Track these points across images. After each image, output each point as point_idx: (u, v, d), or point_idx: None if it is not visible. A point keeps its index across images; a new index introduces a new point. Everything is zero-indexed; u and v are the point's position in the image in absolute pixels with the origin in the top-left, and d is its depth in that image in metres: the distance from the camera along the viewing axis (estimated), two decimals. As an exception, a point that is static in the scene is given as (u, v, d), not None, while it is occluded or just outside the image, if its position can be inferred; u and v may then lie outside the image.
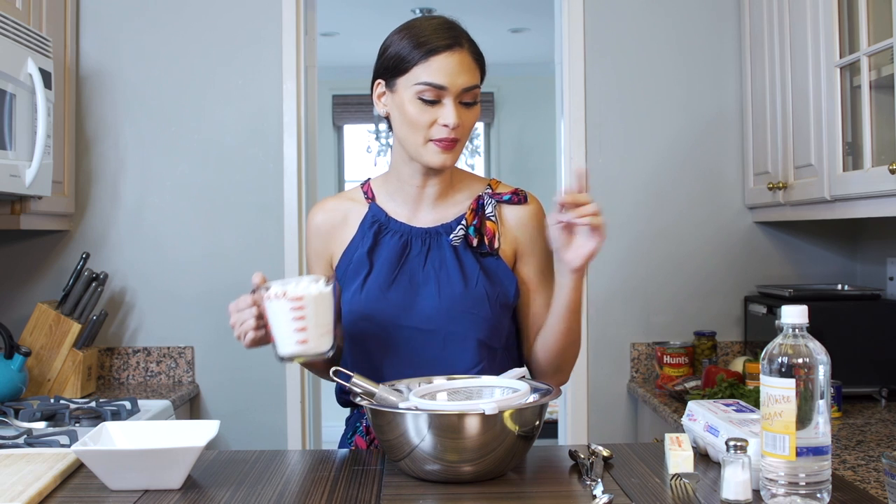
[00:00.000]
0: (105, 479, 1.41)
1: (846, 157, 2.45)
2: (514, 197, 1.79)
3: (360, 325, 1.72)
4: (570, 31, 3.29)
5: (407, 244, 1.75)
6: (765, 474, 1.27)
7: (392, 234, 1.76)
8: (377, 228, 1.76)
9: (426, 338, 1.70)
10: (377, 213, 1.78)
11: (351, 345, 1.76)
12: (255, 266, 3.23)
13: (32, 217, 2.84)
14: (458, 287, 1.70)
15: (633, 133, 3.30)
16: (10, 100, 2.44)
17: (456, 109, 1.63)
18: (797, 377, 1.24)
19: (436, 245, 1.74)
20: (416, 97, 1.64)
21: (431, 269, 1.73)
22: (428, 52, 1.63)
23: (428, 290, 1.71)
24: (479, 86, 1.69)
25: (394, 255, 1.74)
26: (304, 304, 1.47)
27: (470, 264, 1.73)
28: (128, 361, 3.24)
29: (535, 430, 1.44)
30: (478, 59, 1.68)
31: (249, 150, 3.27)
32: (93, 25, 3.24)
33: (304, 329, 1.47)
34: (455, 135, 1.64)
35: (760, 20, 3.04)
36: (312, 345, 1.48)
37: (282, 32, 3.26)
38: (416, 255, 1.74)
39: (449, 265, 1.72)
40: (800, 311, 1.27)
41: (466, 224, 1.74)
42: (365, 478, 1.46)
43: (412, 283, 1.72)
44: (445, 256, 1.73)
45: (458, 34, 1.67)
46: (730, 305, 3.30)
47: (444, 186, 1.77)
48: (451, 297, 1.70)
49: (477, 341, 1.71)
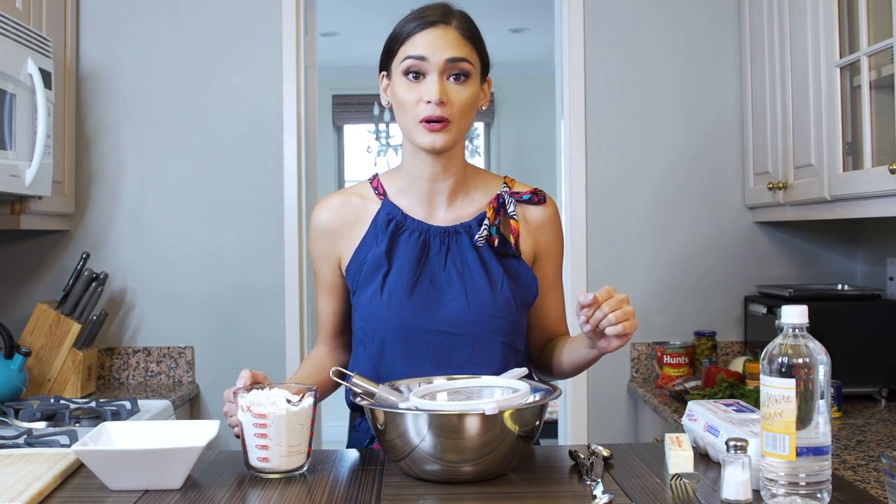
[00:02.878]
0: (105, 479, 1.41)
1: (846, 157, 2.45)
2: (534, 197, 1.77)
3: (381, 329, 1.68)
4: (570, 31, 3.29)
5: (426, 244, 1.70)
6: (765, 474, 1.27)
7: (410, 232, 1.70)
8: (394, 227, 1.71)
9: (453, 341, 1.67)
10: (392, 211, 1.72)
11: (370, 347, 1.71)
12: (255, 266, 3.23)
13: (32, 217, 2.84)
14: (485, 290, 1.67)
15: (633, 133, 3.30)
16: (10, 100, 2.44)
17: (440, 84, 1.60)
18: (797, 377, 1.24)
19: (455, 245, 1.70)
20: (402, 74, 1.63)
21: (454, 270, 1.69)
22: (412, 30, 1.63)
23: (453, 293, 1.67)
24: (469, 60, 1.63)
25: (413, 256, 1.69)
26: (268, 423, 1.43)
27: (494, 266, 1.69)
28: (128, 361, 3.24)
29: (535, 430, 1.43)
30: (469, 36, 1.65)
31: (249, 149, 3.27)
32: (93, 25, 3.24)
33: (265, 447, 1.44)
34: (442, 112, 1.60)
35: (760, 20, 3.04)
36: (274, 464, 1.44)
37: (282, 32, 3.26)
38: (436, 255, 1.70)
39: (472, 267, 1.69)
40: (800, 311, 1.27)
41: (489, 223, 1.71)
42: (365, 478, 1.46)
43: (434, 285, 1.68)
44: (467, 257, 1.69)
45: (445, 12, 1.65)
46: (730, 305, 3.30)
47: (458, 182, 1.73)
48: (479, 301, 1.67)
49: (503, 344, 1.69)
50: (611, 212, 3.29)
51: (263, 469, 1.45)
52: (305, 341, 3.28)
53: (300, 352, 3.24)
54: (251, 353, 3.25)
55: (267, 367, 3.23)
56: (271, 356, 3.25)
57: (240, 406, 1.46)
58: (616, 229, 3.29)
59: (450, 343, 1.67)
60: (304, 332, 3.28)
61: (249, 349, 3.24)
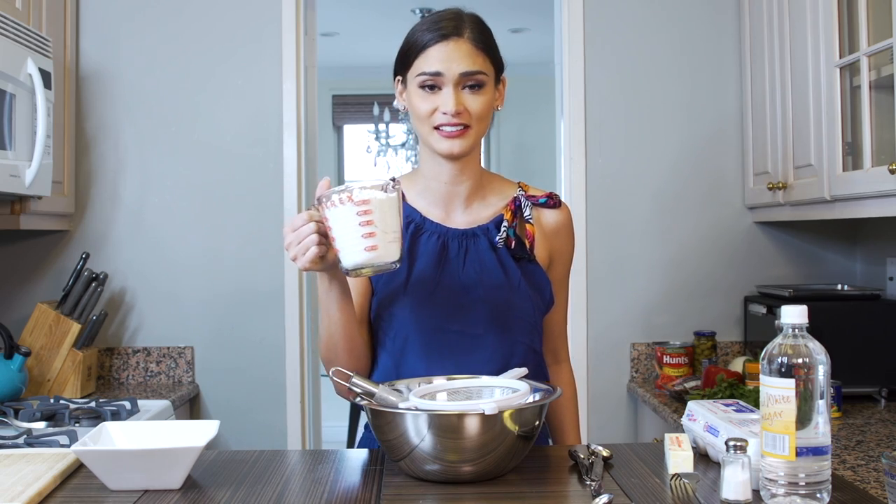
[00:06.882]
0: (105, 480, 1.41)
1: (846, 157, 2.45)
2: (550, 200, 1.80)
3: (403, 329, 1.69)
4: (569, 30, 3.29)
5: (445, 245, 1.72)
6: (764, 474, 1.27)
7: (429, 234, 1.72)
8: (413, 229, 1.72)
9: (475, 342, 1.68)
10: (411, 213, 1.74)
11: (391, 349, 1.71)
12: (255, 266, 3.24)
13: (32, 217, 2.84)
14: (505, 292, 1.69)
15: (633, 133, 3.30)
16: (9, 100, 2.44)
17: (456, 95, 1.63)
18: (797, 377, 1.24)
19: (473, 247, 1.72)
20: (419, 87, 1.66)
21: (473, 272, 1.70)
22: (425, 44, 1.65)
23: (475, 294, 1.69)
24: (484, 72, 1.66)
25: (433, 257, 1.70)
26: (372, 209, 1.39)
27: (512, 268, 1.71)
28: (127, 361, 3.24)
29: (535, 430, 1.43)
30: (483, 45, 1.67)
31: (249, 149, 3.27)
32: (93, 25, 3.24)
33: (372, 234, 1.39)
34: (460, 120, 1.64)
35: (760, 20, 3.04)
36: (381, 252, 1.41)
37: (282, 32, 3.26)
38: (455, 257, 1.71)
39: (492, 269, 1.70)
40: (799, 311, 1.27)
41: (507, 225, 1.72)
42: (365, 478, 1.46)
43: (455, 286, 1.69)
44: (485, 259, 1.71)
45: (457, 24, 1.67)
46: (730, 305, 3.30)
47: (475, 186, 1.76)
48: (500, 303, 1.69)
49: (524, 345, 1.71)
50: (610, 212, 3.29)
51: (369, 262, 1.42)
52: (305, 341, 3.28)
53: (300, 352, 3.24)
54: (251, 352, 3.25)
55: (267, 367, 3.23)
56: (271, 356, 3.25)
57: (335, 203, 1.41)
58: (616, 229, 3.29)
59: (471, 344, 1.68)
60: (304, 332, 3.27)
61: (249, 349, 3.25)
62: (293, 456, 1.66)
